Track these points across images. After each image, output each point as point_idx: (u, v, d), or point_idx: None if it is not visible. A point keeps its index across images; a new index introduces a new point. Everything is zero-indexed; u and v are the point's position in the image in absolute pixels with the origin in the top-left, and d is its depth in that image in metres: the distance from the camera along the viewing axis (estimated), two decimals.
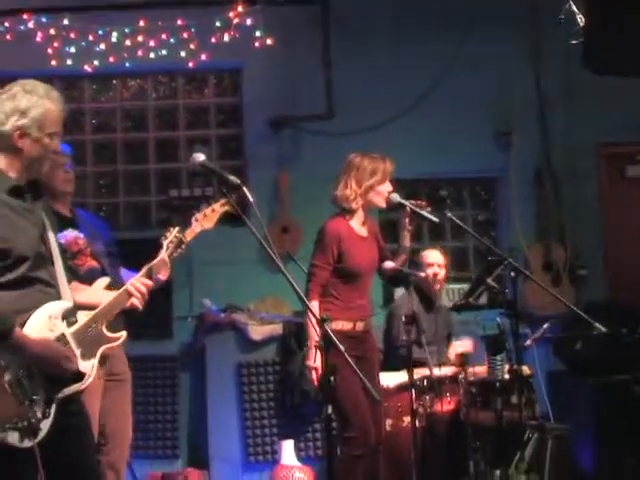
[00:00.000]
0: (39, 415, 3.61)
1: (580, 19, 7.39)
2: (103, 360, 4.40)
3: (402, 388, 6.18)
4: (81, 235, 5.23)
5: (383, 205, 5.87)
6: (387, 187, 5.81)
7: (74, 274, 4.80)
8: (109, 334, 4.17)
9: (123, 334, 4.18)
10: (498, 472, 5.65)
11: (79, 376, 3.83)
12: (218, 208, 4.74)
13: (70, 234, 5.13)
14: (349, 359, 3.80)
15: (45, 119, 3.79)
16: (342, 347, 3.77)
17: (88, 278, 4.72)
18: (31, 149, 3.79)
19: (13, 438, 3.53)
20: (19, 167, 3.80)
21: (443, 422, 6.24)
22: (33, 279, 3.76)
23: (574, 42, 7.70)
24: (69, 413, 3.77)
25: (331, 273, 5.70)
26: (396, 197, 5.80)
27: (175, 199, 8.52)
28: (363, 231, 5.88)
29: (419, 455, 5.57)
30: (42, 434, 3.62)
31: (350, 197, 5.78)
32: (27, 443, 3.56)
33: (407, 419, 6.10)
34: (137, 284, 4.11)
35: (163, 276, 4.39)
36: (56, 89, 3.89)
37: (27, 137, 3.76)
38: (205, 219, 4.61)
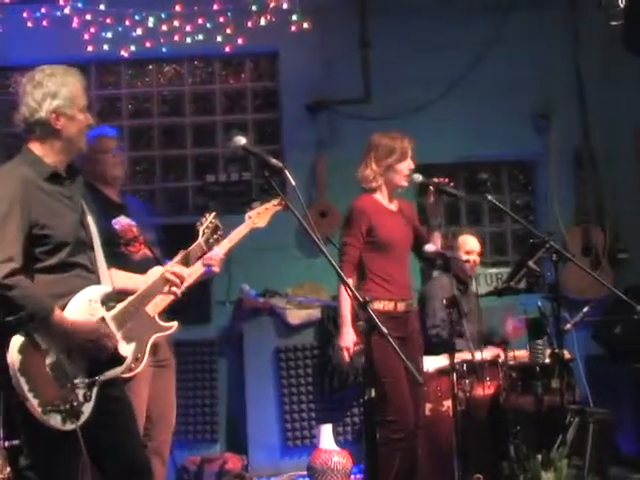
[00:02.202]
0: (81, 398, 3.64)
1: (620, 0, 7.33)
2: (153, 348, 4.42)
3: (442, 372, 6.16)
4: (133, 222, 5.21)
5: (405, 184, 5.80)
6: (407, 165, 5.76)
7: (127, 261, 4.81)
8: (162, 323, 4.18)
9: (175, 324, 4.21)
10: (540, 456, 5.60)
11: (119, 359, 3.85)
12: (271, 207, 4.78)
13: (124, 220, 5.09)
14: (392, 341, 3.77)
15: (74, 95, 3.89)
16: (385, 330, 3.74)
17: (142, 266, 4.72)
18: (69, 127, 3.88)
19: (56, 421, 3.57)
20: (57, 151, 3.87)
21: (483, 406, 6.21)
22: (73, 264, 3.80)
23: (614, 23, 7.64)
24: (110, 398, 3.81)
25: (365, 248, 5.66)
26: (418, 177, 5.76)
27: (212, 184, 8.52)
28: (392, 207, 5.86)
29: (459, 440, 5.53)
30: (84, 417, 3.65)
31: (370, 177, 5.78)
32: (69, 426, 3.59)
33: (447, 403, 6.08)
34: (174, 269, 4.11)
35: (217, 268, 4.42)
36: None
37: (63, 117, 3.86)
38: (258, 217, 4.66)
